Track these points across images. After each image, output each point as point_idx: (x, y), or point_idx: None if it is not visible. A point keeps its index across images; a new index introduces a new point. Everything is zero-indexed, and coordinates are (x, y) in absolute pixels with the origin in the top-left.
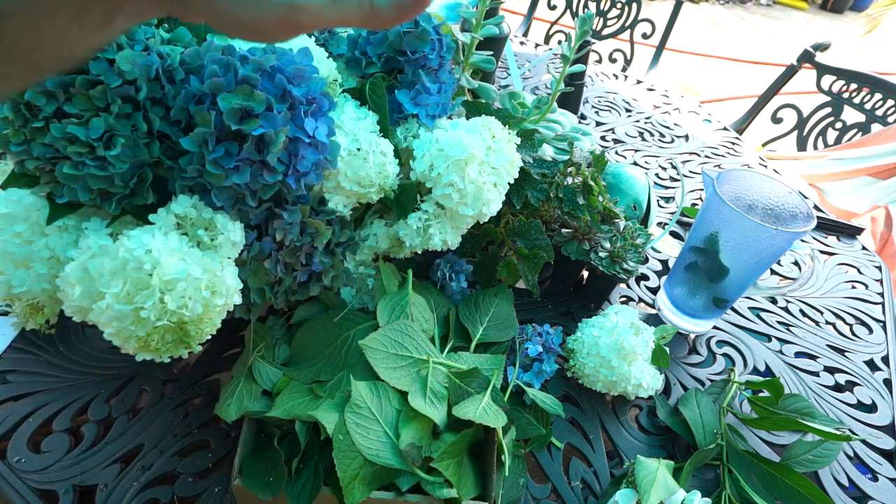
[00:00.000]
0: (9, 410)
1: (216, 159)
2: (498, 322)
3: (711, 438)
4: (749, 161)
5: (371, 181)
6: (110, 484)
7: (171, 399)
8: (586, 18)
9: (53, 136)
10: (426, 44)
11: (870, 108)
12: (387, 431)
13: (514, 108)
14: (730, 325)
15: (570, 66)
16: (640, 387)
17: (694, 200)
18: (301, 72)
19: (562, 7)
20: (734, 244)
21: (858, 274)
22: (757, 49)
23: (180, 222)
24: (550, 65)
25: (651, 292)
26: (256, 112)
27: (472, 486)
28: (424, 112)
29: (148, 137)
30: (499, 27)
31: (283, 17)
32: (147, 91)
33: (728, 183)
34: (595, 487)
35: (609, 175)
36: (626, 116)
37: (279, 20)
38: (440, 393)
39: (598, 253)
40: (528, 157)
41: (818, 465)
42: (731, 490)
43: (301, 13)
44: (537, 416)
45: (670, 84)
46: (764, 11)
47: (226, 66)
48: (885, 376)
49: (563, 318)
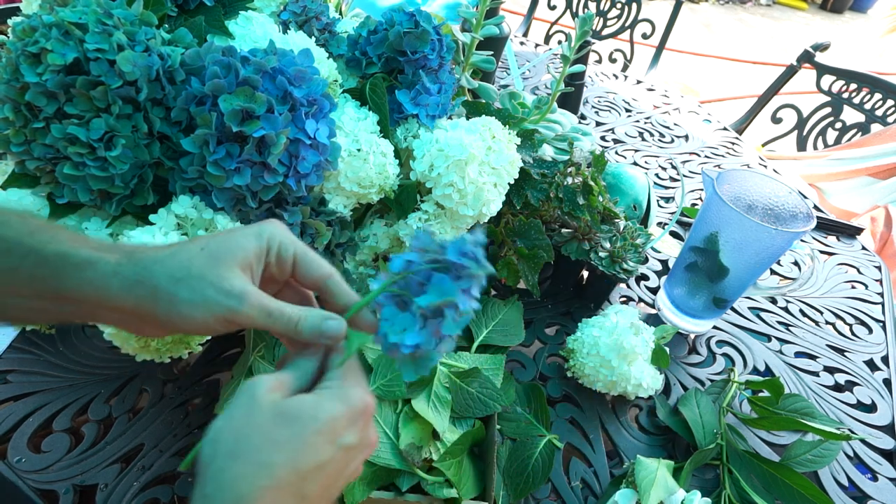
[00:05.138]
0: (9, 410)
1: (217, 160)
2: (504, 328)
3: (711, 438)
4: (749, 161)
5: (371, 182)
6: (110, 484)
7: (171, 399)
8: (586, 18)
9: (54, 136)
10: (426, 44)
11: (869, 108)
12: (387, 432)
13: (514, 108)
14: (730, 325)
15: (570, 66)
16: (640, 387)
17: (694, 200)
18: (302, 73)
19: (562, 7)
20: (734, 244)
21: (858, 274)
22: (757, 49)
23: (180, 223)
24: (550, 65)
25: (651, 292)
26: (257, 113)
27: (472, 486)
28: (424, 112)
29: (148, 138)
30: (499, 27)
31: (226, 318)
32: (148, 92)
33: (728, 183)
34: (595, 487)
35: (609, 175)
36: (626, 116)
37: (221, 322)
38: (444, 398)
39: (598, 253)
40: (528, 157)
41: (818, 465)
42: (730, 490)
43: (238, 318)
44: (537, 416)
45: (670, 84)
46: (764, 12)
47: (227, 68)
48: (884, 376)
49: (563, 318)
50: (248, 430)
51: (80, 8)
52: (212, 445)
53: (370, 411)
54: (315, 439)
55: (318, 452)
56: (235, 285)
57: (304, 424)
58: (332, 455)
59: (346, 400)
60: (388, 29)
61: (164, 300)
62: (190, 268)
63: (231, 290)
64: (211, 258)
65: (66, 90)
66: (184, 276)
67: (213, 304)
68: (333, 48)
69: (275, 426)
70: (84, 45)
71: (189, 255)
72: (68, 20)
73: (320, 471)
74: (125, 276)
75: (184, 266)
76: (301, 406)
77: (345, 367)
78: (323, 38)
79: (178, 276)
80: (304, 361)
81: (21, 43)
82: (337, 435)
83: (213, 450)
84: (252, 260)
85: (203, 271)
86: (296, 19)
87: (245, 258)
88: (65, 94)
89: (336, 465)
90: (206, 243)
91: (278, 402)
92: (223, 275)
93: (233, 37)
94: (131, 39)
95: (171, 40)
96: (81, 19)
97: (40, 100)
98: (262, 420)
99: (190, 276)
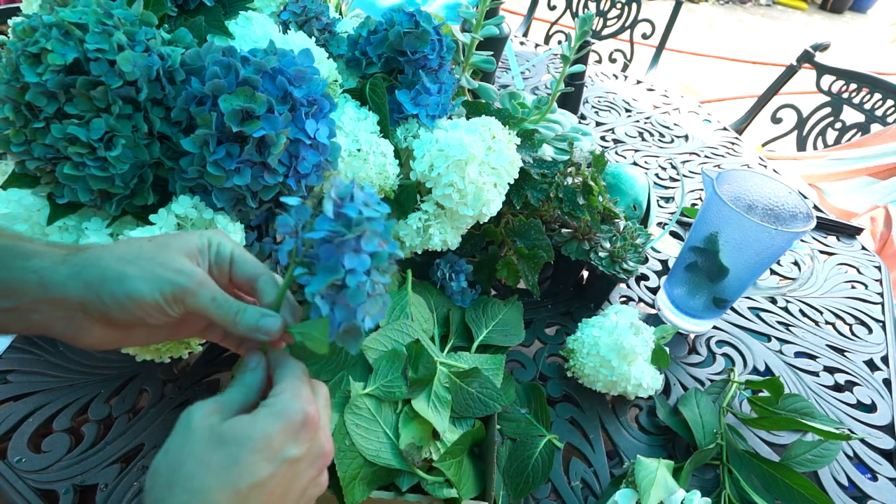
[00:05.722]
0: (9, 410)
1: (217, 160)
2: (504, 328)
3: (711, 438)
4: (749, 161)
5: (371, 182)
6: (110, 484)
7: (172, 399)
8: (586, 19)
9: (54, 136)
10: (426, 44)
11: (869, 108)
12: (387, 432)
13: (514, 108)
14: (730, 325)
15: (570, 66)
16: (640, 387)
17: (694, 200)
18: (302, 73)
19: (562, 7)
20: (734, 244)
21: (858, 274)
22: (756, 49)
23: (181, 223)
24: (550, 65)
25: (651, 292)
26: (258, 113)
27: (472, 486)
28: (424, 112)
29: (148, 138)
30: (499, 27)
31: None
32: (148, 92)
33: (728, 183)
34: (595, 487)
35: (609, 175)
36: (626, 116)
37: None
38: (444, 398)
39: (598, 253)
40: (528, 157)
41: (818, 465)
42: (730, 490)
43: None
44: (537, 416)
45: (670, 84)
46: (763, 12)
47: (227, 68)
48: (884, 376)
49: (563, 318)
50: (182, 458)
51: (80, 8)
52: (151, 478)
53: (313, 422)
54: (250, 458)
55: (256, 471)
56: (185, 266)
57: (238, 445)
58: (272, 471)
59: (281, 415)
60: (388, 29)
61: (111, 281)
62: (137, 251)
63: (181, 269)
64: (159, 246)
65: (67, 90)
66: (133, 258)
67: (163, 281)
68: (333, 48)
69: (208, 450)
70: (84, 45)
71: (137, 243)
72: (68, 20)
73: (262, 488)
74: (73, 263)
75: (131, 250)
76: (236, 427)
77: (288, 380)
78: (323, 38)
79: (126, 258)
80: (249, 375)
81: (21, 43)
82: (275, 451)
83: (152, 482)
84: (197, 252)
85: (152, 254)
86: (296, 19)
87: (190, 249)
88: (65, 94)
89: (281, 479)
90: (152, 238)
91: (215, 426)
92: (173, 257)
93: (233, 37)
94: (131, 39)
95: (171, 40)
96: (81, 19)
97: (40, 100)
98: (196, 447)
99: (138, 257)
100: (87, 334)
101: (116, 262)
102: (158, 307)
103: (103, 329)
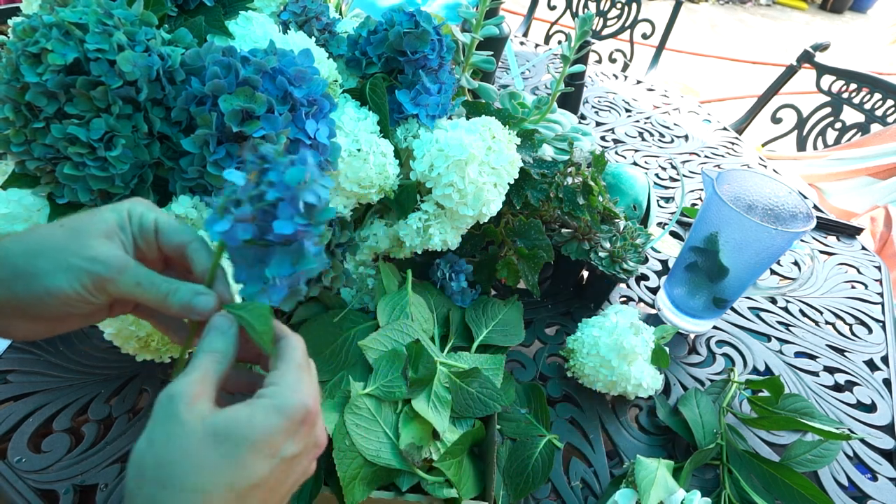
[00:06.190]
0: (9, 410)
1: (217, 160)
2: (504, 328)
3: (711, 438)
4: (749, 161)
5: (371, 182)
6: (110, 484)
7: None
8: (586, 19)
9: (54, 136)
10: (426, 44)
11: (869, 108)
12: (387, 432)
13: (514, 108)
14: (730, 325)
15: (570, 66)
16: (640, 387)
17: (694, 200)
18: (302, 73)
19: (562, 7)
20: (734, 244)
21: (858, 274)
22: (756, 49)
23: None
24: (550, 65)
25: (651, 292)
26: (258, 113)
27: (472, 486)
28: (424, 112)
29: (148, 138)
30: (499, 27)
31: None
32: (148, 92)
33: (728, 183)
34: (595, 487)
35: (609, 175)
36: (626, 116)
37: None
38: (444, 398)
39: (598, 253)
40: (528, 157)
41: (818, 465)
42: (730, 490)
43: (108, 286)
44: (537, 416)
45: (670, 84)
46: (764, 12)
47: (227, 68)
48: (884, 376)
49: (563, 318)
50: (174, 454)
51: (80, 8)
52: (136, 470)
53: (313, 416)
54: (251, 458)
55: (256, 470)
56: (100, 252)
57: (236, 443)
58: (271, 469)
59: (283, 411)
60: (388, 29)
61: (24, 278)
62: (48, 242)
63: (95, 256)
64: (71, 231)
65: (67, 90)
66: (42, 250)
67: (77, 272)
68: (333, 48)
69: (203, 447)
70: (84, 45)
71: (48, 230)
72: (68, 20)
73: (259, 487)
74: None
75: (41, 241)
76: (233, 422)
77: (287, 365)
78: (323, 38)
79: (35, 251)
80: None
81: (21, 43)
82: (276, 449)
83: (139, 476)
84: (115, 229)
85: (63, 243)
86: (296, 19)
87: (107, 228)
88: (65, 94)
89: (277, 475)
90: (64, 221)
91: (207, 418)
92: (86, 243)
93: (233, 37)
94: (131, 39)
95: (171, 40)
96: (82, 19)
97: (40, 100)
98: (188, 443)
99: (48, 248)
100: (15, 330)
101: (26, 257)
102: (80, 298)
103: (30, 323)
